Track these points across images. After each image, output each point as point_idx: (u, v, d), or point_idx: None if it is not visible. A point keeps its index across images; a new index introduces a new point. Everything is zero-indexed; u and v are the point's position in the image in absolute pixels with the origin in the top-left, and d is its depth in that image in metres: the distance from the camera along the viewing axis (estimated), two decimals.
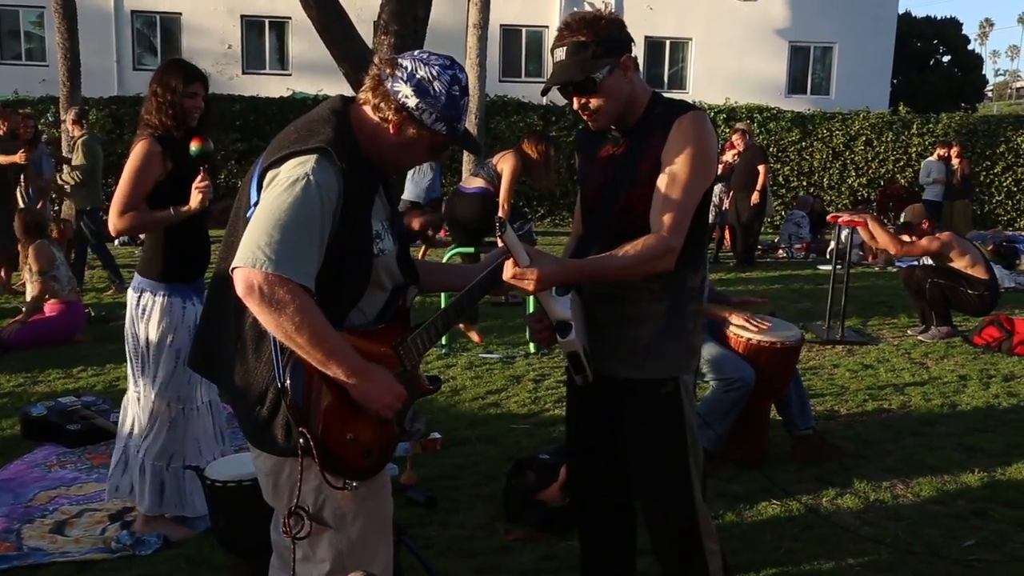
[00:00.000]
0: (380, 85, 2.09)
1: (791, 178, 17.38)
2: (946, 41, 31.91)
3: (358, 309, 2.12)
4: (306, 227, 1.93)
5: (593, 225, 2.54)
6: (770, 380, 4.37)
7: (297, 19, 18.82)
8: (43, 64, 20.50)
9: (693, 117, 2.40)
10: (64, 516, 3.89)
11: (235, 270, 1.92)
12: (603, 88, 2.40)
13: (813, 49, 23.81)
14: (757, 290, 9.70)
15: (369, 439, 2.07)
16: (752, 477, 4.19)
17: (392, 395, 2.06)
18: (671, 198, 2.35)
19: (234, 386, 2.10)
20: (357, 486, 2.07)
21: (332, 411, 2.00)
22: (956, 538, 3.70)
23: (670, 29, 23.01)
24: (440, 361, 6.52)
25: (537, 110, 16.78)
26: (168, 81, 3.54)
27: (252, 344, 2.03)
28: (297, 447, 1.97)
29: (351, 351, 1.99)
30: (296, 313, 1.88)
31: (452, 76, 2.09)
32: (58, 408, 4.94)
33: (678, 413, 2.52)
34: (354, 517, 2.13)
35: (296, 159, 2.00)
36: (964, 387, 5.96)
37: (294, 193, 1.93)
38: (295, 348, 1.92)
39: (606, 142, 2.58)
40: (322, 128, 2.04)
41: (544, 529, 3.69)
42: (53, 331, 6.84)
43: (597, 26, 2.39)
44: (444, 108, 2.08)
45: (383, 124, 2.09)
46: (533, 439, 4.84)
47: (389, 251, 2.19)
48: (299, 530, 2.05)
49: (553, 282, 2.30)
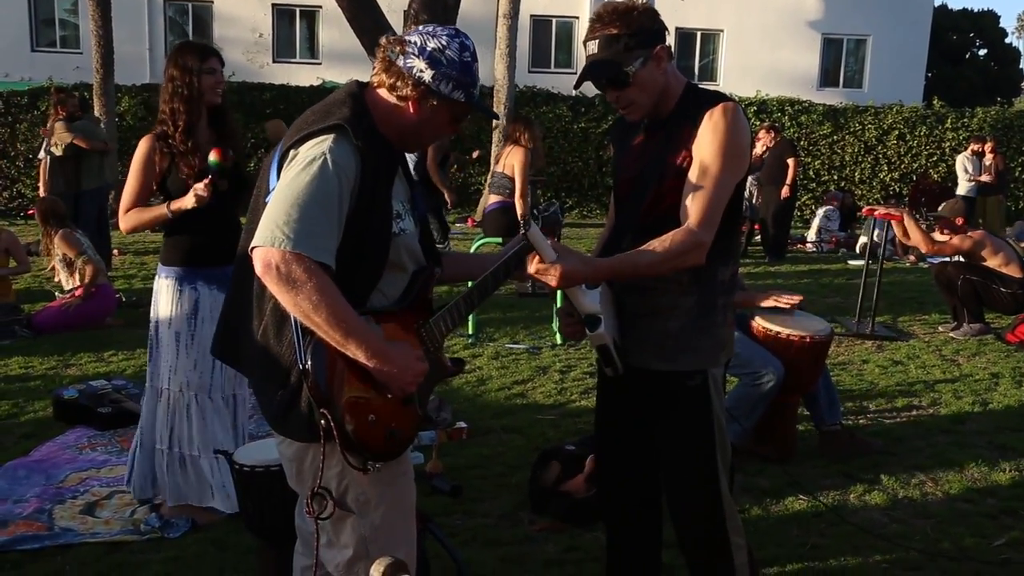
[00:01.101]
0: (392, 65, 2.09)
1: (822, 172, 17.20)
2: (983, 34, 31.42)
3: (379, 291, 2.11)
4: (324, 206, 1.93)
5: (624, 217, 2.52)
6: (799, 374, 4.33)
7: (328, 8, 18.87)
8: (77, 51, 20.71)
9: (724, 109, 2.37)
10: (94, 498, 3.94)
11: (254, 249, 1.92)
12: (637, 81, 2.38)
13: (846, 41, 23.54)
14: (786, 284, 9.63)
15: (391, 420, 2.07)
16: (779, 472, 4.16)
17: (414, 372, 2.05)
18: (701, 191, 2.33)
19: (257, 371, 2.11)
20: (380, 467, 2.06)
21: (354, 392, 1.99)
22: (986, 537, 3.66)
23: (701, 20, 22.83)
24: (467, 351, 6.52)
25: (567, 101, 16.72)
26: (184, 62, 3.53)
27: (274, 328, 2.03)
28: (319, 430, 1.97)
29: (371, 331, 1.98)
30: (314, 291, 1.87)
31: (461, 43, 2.11)
32: (89, 391, 5.00)
33: (706, 406, 2.51)
34: (378, 503, 2.13)
35: (314, 139, 2.01)
36: (996, 385, 5.88)
37: (311, 172, 1.94)
38: (314, 328, 1.92)
39: (640, 134, 2.56)
40: (338, 109, 2.06)
41: (569, 520, 3.69)
42: (85, 315, 6.92)
43: (629, 17, 2.37)
44: (459, 75, 2.09)
45: (401, 103, 2.10)
46: (559, 430, 4.83)
47: (410, 232, 2.19)
48: (323, 511, 2.05)
49: (577, 280, 2.30)
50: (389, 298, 2.14)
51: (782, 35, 22.77)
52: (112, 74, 13.14)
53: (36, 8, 21.50)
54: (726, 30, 22.98)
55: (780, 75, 21.81)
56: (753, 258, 11.41)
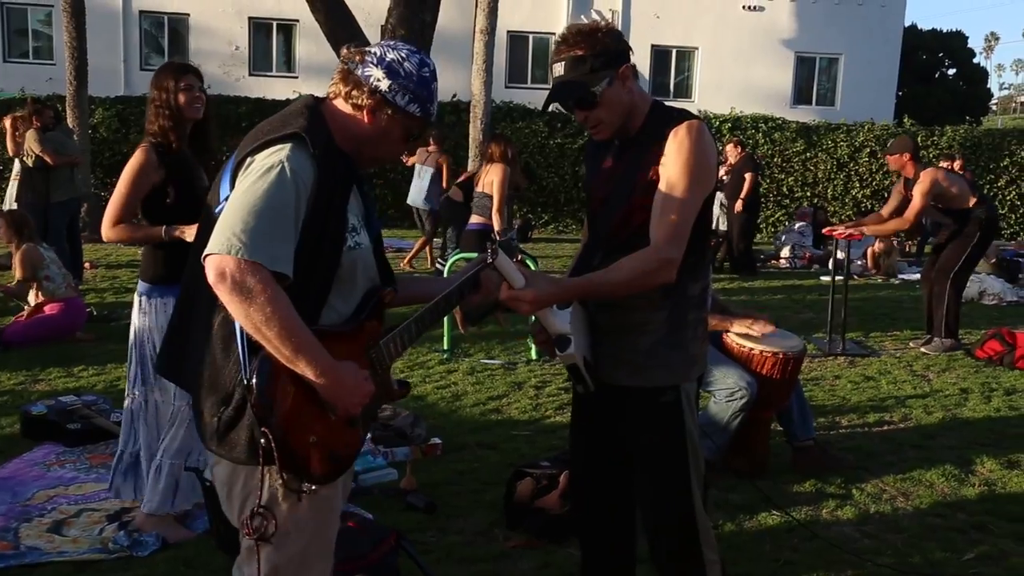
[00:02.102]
0: (350, 74, 2.08)
1: (795, 188, 17.37)
2: (952, 54, 31.92)
3: (331, 307, 2.06)
4: (281, 213, 1.90)
5: (596, 235, 2.54)
6: (772, 390, 4.36)
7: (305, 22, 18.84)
8: (50, 63, 20.53)
9: (689, 126, 2.40)
10: (62, 516, 3.88)
11: (207, 257, 1.86)
12: (603, 101, 2.41)
13: (819, 60, 23.80)
14: (759, 300, 9.70)
15: (334, 442, 2.02)
16: (752, 487, 4.18)
17: (362, 394, 2.01)
18: (669, 209, 2.35)
19: (199, 387, 2.03)
20: (316, 489, 2.01)
21: (297, 411, 1.94)
22: (956, 552, 3.69)
23: (677, 38, 23.02)
24: (442, 367, 6.51)
25: (543, 116, 16.78)
26: (161, 82, 3.62)
27: (221, 342, 1.97)
28: (259, 449, 1.91)
29: (321, 348, 1.92)
30: (267, 303, 1.82)
31: (420, 59, 2.10)
32: (58, 407, 4.94)
33: (679, 422, 2.52)
34: (297, 534, 2.05)
35: (271, 148, 1.98)
36: (965, 400, 5.94)
37: (269, 180, 1.90)
38: (263, 341, 1.86)
39: (610, 152, 2.58)
40: (295, 120, 2.03)
41: (543, 536, 3.69)
42: (54, 329, 6.84)
43: (594, 38, 2.40)
44: (417, 89, 2.08)
45: (356, 113, 2.08)
46: (534, 446, 4.83)
47: (365, 247, 2.15)
48: (265, 530, 1.99)
49: (549, 303, 2.31)
50: (341, 315, 2.09)
51: (756, 53, 22.99)
52: (86, 86, 13.05)
53: (9, 19, 21.32)
54: (701, 48, 23.17)
55: (754, 92, 22.01)
56: (727, 274, 11.49)
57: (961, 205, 7.18)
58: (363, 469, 4.29)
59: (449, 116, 16.22)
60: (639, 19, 22.52)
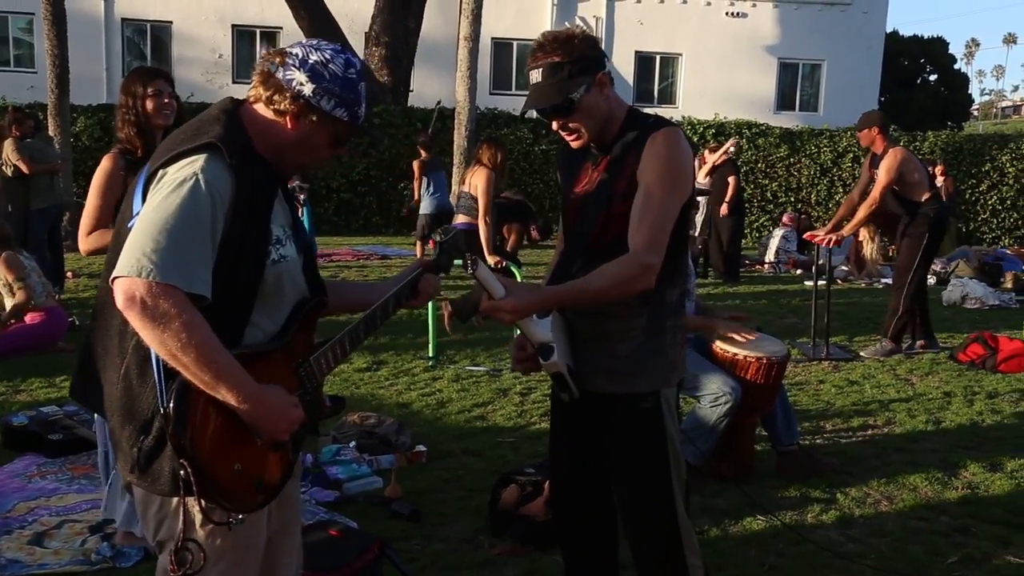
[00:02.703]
0: (271, 77, 1.96)
1: (779, 194, 17.46)
2: (933, 60, 32.19)
3: (256, 326, 1.94)
4: (197, 230, 1.77)
5: (573, 243, 2.55)
6: (756, 395, 4.37)
7: (288, 29, 18.84)
8: (32, 71, 20.45)
9: (665, 133, 2.41)
10: (43, 527, 3.85)
11: (116, 280, 1.73)
12: (581, 108, 2.41)
13: (802, 66, 23.98)
14: (744, 305, 9.73)
15: (260, 469, 1.91)
16: (737, 492, 4.18)
17: (289, 420, 1.90)
18: (646, 216, 2.36)
19: (116, 415, 1.88)
20: (243, 519, 1.90)
21: (219, 438, 1.82)
22: (940, 555, 3.70)
23: (660, 44, 23.14)
24: (427, 374, 6.50)
25: (527, 123, 16.82)
26: (130, 87, 3.58)
27: (136, 367, 1.84)
28: (179, 480, 1.79)
29: (243, 372, 1.81)
30: (182, 329, 1.71)
31: (346, 60, 1.99)
32: (40, 417, 4.90)
33: (659, 428, 2.52)
34: (217, 560, 1.94)
35: (184, 159, 1.85)
36: (948, 404, 5.97)
37: (181, 194, 1.78)
38: (180, 368, 1.75)
39: (586, 160, 2.58)
40: (211, 127, 1.91)
41: (528, 544, 3.68)
42: (35, 338, 6.78)
43: (571, 45, 2.40)
44: (342, 92, 1.96)
45: (278, 119, 1.96)
46: (519, 453, 4.82)
47: (292, 259, 2.02)
48: (189, 567, 1.87)
49: (530, 312, 2.30)
50: (267, 333, 1.97)
51: (739, 59, 23.13)
52: (67, 94, 12.98)
53: None
54: (684, 54, 23.29)
55: (738, 98, 22.14)
56: (712, 279, 11.51)
57: (917, 196, 7.18)
58: (348, 477, 4.28)
59: (434, 123, 16.24)
60: (623, 25, 22.63)
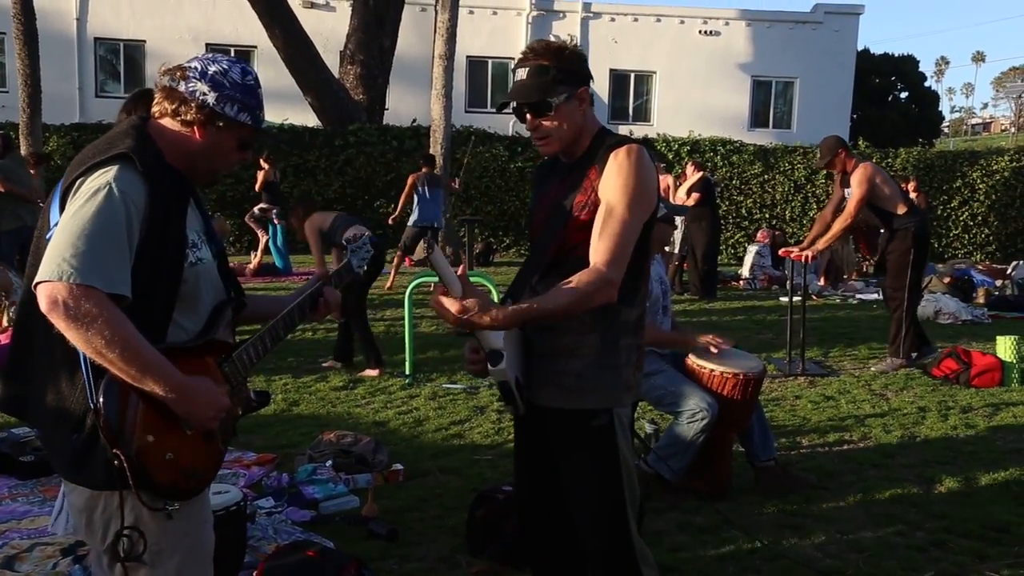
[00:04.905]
0: (173, 91, 2.07)
1: (754, 210, 17.59)
2: (904, 78, 32.65)
3: (178, 325, 2.05)
4: (113, 235, 1.87)
5: (534, 258, 2.55)
6: (733, 411, 4.38)
7: (263, 48, 18.81)
8: (3, 90, 20.29)
9: (628, 150, 2.42)
10: (14, 551, 3.79)
11: (39, 285, 1.82)
12: (558, 112, 2.44)
13: (775, 84, 24.24)
14: (720, 321, 9.78)
15: (191, 457, 2.01)
16: (714, 508, 4.19)
17: (216, 407, 2.00)
18: (608, 231, 2.36)
19: (47, 418, 1.98)
20: (179, 507, 2.00)
21: (149, 429, 1.92)
22: (916, 570, 3.72)
23: (634, 62, 23.33)
24: (403, 392, 6.47)
25: (503, 141, 16.87)
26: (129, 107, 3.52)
27: (65, 370, 1.93)
28: (115, 472, 1.88)
29: (168, 364, 1.91)
30: (105, 326, 1.80)
31: (242, 68, 2.12)
32: (11, 439, 4.83)
33: (612, 446, 2.50)
34: (171, 552, 2.03)
35: (98, 170, 1.95)
36: (923, 419, 6.02)
37: (97, 202, 1.88)
38: (107, 365, 1.84)
39: (556, 176, 2.60)
40: (122, 141, 2.01)
41: (506, 562, 3.66)
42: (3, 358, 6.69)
43: (561, 54, 2.46)
44: (243, 97, 2.09)
45: (185, 130, 2.08)
46: (496, 470, 4.81)
47: (208, 261, 2.15)
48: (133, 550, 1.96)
49: (494, 328, 2.27)
50: (189, 332, 2.08)
51: (713, 77, 23.36)
52: (39, 113, 12.90)
53: None
54: (659, 72, 23.49)
55: (712, 116, 22.34)
56: (689, 297, 11.57)
57: (892, 207, 7.27)
58: (324, 496, 4.25)
59: (409, 141, 16.25)
60: (597, 44, 22.79)
